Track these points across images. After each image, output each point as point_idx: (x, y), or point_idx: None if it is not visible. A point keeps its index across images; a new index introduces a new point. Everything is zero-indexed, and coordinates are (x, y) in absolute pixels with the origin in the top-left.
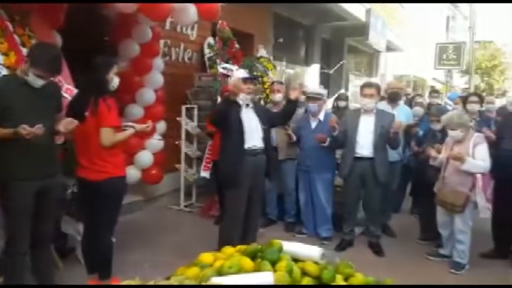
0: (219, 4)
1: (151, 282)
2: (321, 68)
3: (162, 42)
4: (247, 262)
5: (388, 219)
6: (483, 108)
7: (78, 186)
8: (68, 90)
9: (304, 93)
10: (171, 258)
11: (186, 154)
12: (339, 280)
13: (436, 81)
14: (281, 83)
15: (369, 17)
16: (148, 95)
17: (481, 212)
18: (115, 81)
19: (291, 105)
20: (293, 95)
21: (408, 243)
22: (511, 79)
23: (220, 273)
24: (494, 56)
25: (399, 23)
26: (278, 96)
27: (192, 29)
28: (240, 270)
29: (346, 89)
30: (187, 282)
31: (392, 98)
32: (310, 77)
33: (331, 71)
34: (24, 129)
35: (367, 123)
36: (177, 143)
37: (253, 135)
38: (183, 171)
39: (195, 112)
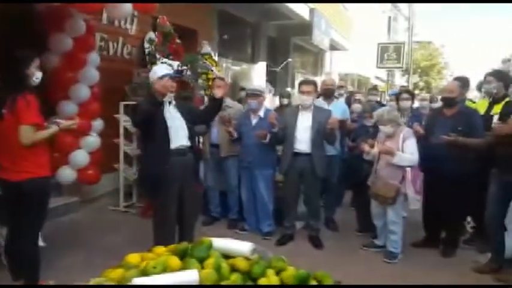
0: None
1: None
2: (268, 66)
3: (98, 36)
4: (174, 261)
5: (333, 214)
6: (417, 105)
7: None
8: None
9: (244, 89)
10: (106, 261)
11: (125, 153)
12: (271, 274)
13: (379, 80)
14: (222, 79)
15: (313, 17)
16: (82, 91)
17: (411, 204)
18: (37, 76)
19: (215, 103)
20: (218, 94)
21: (348, 235)
22: (448, 78)
23: (144, 273)
24: (432, 56)
25: (343, 23)
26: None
27: (132, 23)
28: (165, 270)
29: (293, 86)
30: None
31: (327, 94)
32: (257, 74)
33: (278, 69)
34: None
35: (305, 120)
36: (115, 141)
37: (179, 134)
38: (122, 171)
39: None
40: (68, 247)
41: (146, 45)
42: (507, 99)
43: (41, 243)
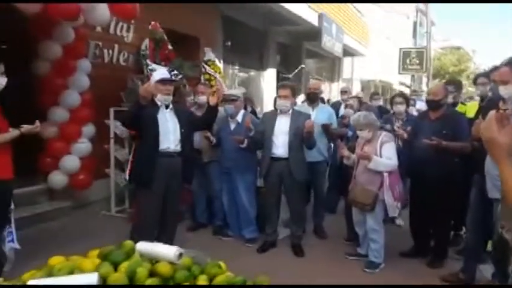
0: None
1: None
2: (280, 72)
3: (93, 43)
4: (87, 264)
5: (321, 221)
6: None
7: None
8: None
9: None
10: None
11: (117, 158)
12: (202, 280)
13: (404, 86)
14: (206, 84)
15: (322, 22)
16: (72, 97)
17: (390, 211)
18: (0, 82)
19: (211, 111)
20: (212, 101)
21: (335, 244)
22: (480, 84)
23: (49, 275)
24: (460, 61)
25: (358, 29)
26: (202, 98)
27: (128, 30)
28: (72, 272)
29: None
30: None
31: (311, 98)
32: (267, 81)
33: (291, 76)
34: None
35: (283, 124)
36: (106, 146)
37: (169, 137)
38: (114, 176)
39: None
40: (50, 250)
41: (142, 52)
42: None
43: (16, 245)
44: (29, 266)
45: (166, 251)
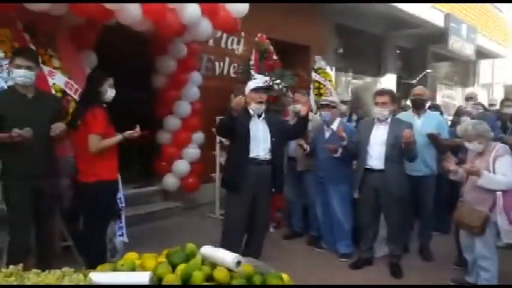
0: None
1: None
2: (401, 78)
3: (205, 57)
4: (149, 262)
5: (427, 241)
6: None
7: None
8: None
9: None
10: None
11: (221, 164)
12: None
13: None
14: (303, 94)
15: (448, 23)
16: (184, 107)
17: (504, 236)
18: (110, 93)
19: (301, 121)
20: (303, 111)
21: (442, 267)
22: None
23: (114, 270)
24: None
25: (496, 28)
26: (298, 107)
27: (238, 43)
28: (133, 269)
29: (434, 99)
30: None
31: (416, 105)
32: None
33: (414, 81)
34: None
35: (380, 133)
36: (213, 152)
37: (259, 146)
38: (218, 180)
39: None
40: (154, 245)
41: (250, 63)
42: None
43: (125, 239)
44: None
45: (226, 257)
